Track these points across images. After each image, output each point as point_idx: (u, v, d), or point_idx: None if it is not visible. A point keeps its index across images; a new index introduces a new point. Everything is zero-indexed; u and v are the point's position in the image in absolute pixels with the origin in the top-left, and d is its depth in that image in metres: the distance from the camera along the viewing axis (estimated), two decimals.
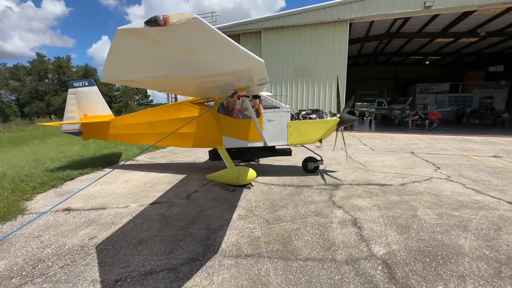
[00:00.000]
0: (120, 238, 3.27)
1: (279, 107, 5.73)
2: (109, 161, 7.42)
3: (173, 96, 20.30)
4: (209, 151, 6.27)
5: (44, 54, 47.66)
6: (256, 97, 4.21)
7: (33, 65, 44.82)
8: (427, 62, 27.84)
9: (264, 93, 5.94)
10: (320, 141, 5.90)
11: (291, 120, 5.75)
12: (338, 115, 5.80)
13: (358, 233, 3.35)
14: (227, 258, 2.86)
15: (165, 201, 4.53)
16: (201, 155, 8.96)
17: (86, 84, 6.66)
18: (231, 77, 2.88)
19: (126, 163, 7.53)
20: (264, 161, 7.88)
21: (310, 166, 6.21)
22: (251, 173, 5.25)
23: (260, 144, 5.73)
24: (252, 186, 5.27)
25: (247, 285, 2.44)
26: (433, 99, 24.85)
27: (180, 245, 3.10)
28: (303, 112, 6.05)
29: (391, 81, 31.14)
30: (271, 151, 6.17)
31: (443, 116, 18.41)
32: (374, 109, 25.36)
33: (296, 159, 7.87)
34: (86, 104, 6.68)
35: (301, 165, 6.51)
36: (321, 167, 6.52)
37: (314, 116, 5.92)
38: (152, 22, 1.51)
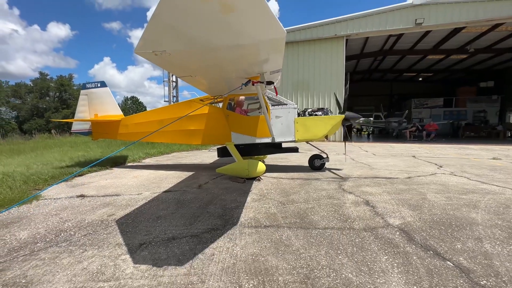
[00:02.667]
0: (138, 215, 3.33)
1: (286, 104, 5.96)
2: (116, 161, 7.52)
3: (173, 100, 20.79)
4: (218, 149, 6.39)
5: (46, 73, 48.52)
6: (270, 83, 4.42)
7: (35, 83, 45.60)
8: (420, 79, 29.02)
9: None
10: (326, 137, 6.08)
11: (298, 116, 5.96)
12: (344, 112, 6.02)
13: (372, 210, 3.46)
14: (247, 228, 2.91)
15: (177, 190, 4.64)
16: (206, 159, 9.07)
17: (99, 85, 6.90)
18: (255, 51, 3.08)
19: (133, 164, 7.65)
20: (269, 161, 7.98)
21: (317, 163, 6.32)
22: (261, 166, 5.35)
23: (268, 140, 5.88)
24: (261, 179, 5.36)
25: (270, 246, 2.49)
26: (428, 113, 25.55)
27: (198, 220, 3.16)
28: (309, 110, 6.27)
29: (386, 97, 32.16)
30: (278, 147, 6.31)
31: (439, 130, 18.91)
32: (371, 123, 25.92)
33: (301, 160, 8.01)
34: (97, 105, 6.87)
35: (306, 165, 6.63)
36: (326, 165, 6.63)
37: (319, 113, 6.14)
38: None
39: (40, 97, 44.65)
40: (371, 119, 27.99)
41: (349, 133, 6.47)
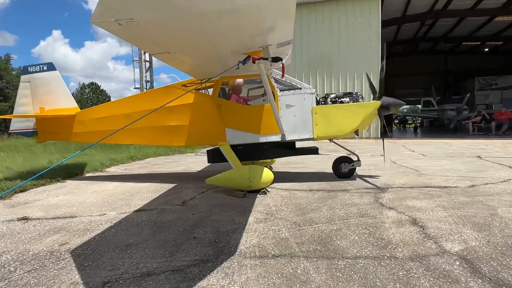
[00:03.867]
0: (101, 244, 3.36)
1: (300, 88, 5.98)
2: (71, 171, 7.63)
3: (146, 86, 20.94)
4: (208, 151, 6.43)
5: None
6: (277, 59, 4.43)
7: None
8: (486, 50, 28.77)
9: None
10: (357, 133, 6.08)
11: (316, 105, 5.97)
12: (380, 98, 6.03)
13: (421, 231, 3.46)
14: (249, 258, 2.92)
15: (153, 208, 4.70)
16: (193, 165, 9.12)
17: (45, 68, 6.98)
18: (256, 16, 3.09)
19: (93, 175, 7.74)
20: (277, 167, 7.98)
21: (344, 169, 6.34)
22: (267, 173, 5.38)
23: (276, 138, 5.91)
24: (268, 192, 5.38)
25: (281, 283, 2.49)
26: (498, 97, 25.33)
27: (182, 248, 3.18)
28: (332, 96, 6.28)
29: (439, 75, 32.04)
30: (290, 148, 6.34)
31: None
32: (419, 113, 25.85)
33: (323, 165, 8.00)
34: (44, 95, 6.96)
35: (329, 170, 6.65)
36: (357, 171, 6.65)
37: (346, 100, 6.15)
38: None
39: None
40: (419, 106, 27.82)
41: (389, 127, 6.47)
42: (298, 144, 6.58)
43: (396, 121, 29.61)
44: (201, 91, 6.22)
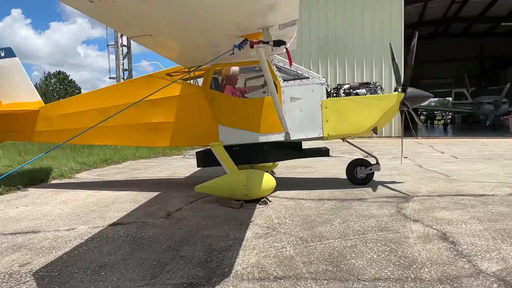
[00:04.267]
0: (70, 263, 3.37)
1: (307, 77, 5.99)
2: (34, 177, 7.64)
3: (123, 76, 20.97)
4: (198, 153, 6.45)
5: None
6: (280, 43, 4.43)
7: None
8: None
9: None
10: (375, 130, 6.09)
11: (327, 98, 5.99)
12: (400, 89, 6.03)
13: (452, 248, 3.48)
14: (246, 281, 2.92)
15: (132, 221, 4.72)
16: (179, 170, 9.13)
17: (2, 54, 6.98)
18: None
19: (61, 182, 7.77)
20: (281, 172, 7.99)
21: (360, 173, 6.37)
22: (268, 180, 5.39)
23: (279, 138, 5.93)
24: (270, 201, 5.41)
25: None
26: None
27: (167, 269, 3.18)
28: (345, 86, 6.30)
29: (474, 62, 32.06)
30: (296, 149, 6.36)
31: None
32: (449, 107, 25.91)
33: (335, 169, 8.02)
34: (1, 87, 6.95)
35: (342, 175, 6.66)
36: (375, 177, 6.66)
37: (363, 91, 6.17)
38: None
39: None
40: (449, 99, 27.83)
41: (413, 124, 6.47)
42: (305, 145, 6.59)
43: (422, 117, 29.64)
44: (189, 81, 6.21)
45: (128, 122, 6.13)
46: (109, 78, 23.72)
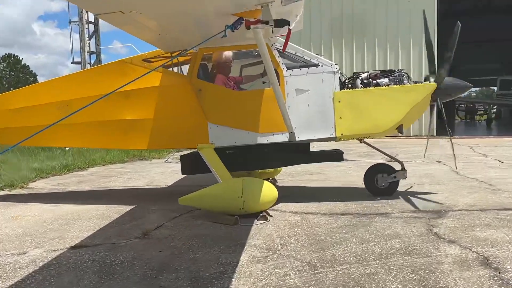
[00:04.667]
0: None
1: (317, 64, 5.97)
2: None
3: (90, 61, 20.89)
4: (182, 158, 6.44)
5: None
6: (283, 23, 4.41)
7: None
8: None
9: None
10: (400, 129, 6.08)
11: (340, 89, 5.98)
12: (433, 79, 6.02)
13: (496, 276, 3.40)
14: None
15: (99, 243, 4.64)
16: (160, 178, 9.09)
17: None
18: None
19: (10, 193, 7.68)
20: (284, 180, 7.98)
21: (382, 182, 6.34)
22: (268, 189, 5.39)
23: (282, 138, 5.92)
24: (270, 216, 5.38)
25: None
26: None
27: None
28: (364, 75, 6.28)
29: None
30: (303, 152, 6.36)
31: None
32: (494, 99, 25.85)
33: (350, 177, 8.00)
34: None
35: (359, 184, 6.66)
36: (401, 185, 6.65)
37: (385, 81, 6.15)
38: None
39: None
40: (495, 89, 27.78)
41: (448, 119, 6.46)
42: (314, 146, 6.58)
43: (460, 111, 29.68)
44: (171, 69, 6.19)
45: (96, 119, 6.10)
46: (72, 63, 23.70)
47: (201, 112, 5.91)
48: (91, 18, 22.84)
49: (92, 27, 23.20)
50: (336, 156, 6.48)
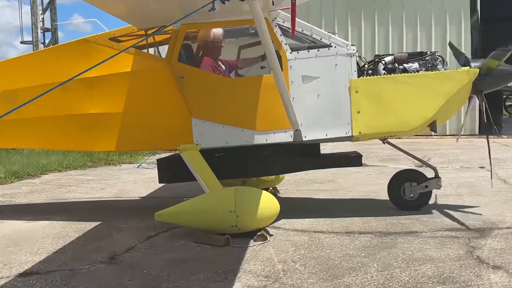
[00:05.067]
0: None
1: (329, 45, 5.92)
2: None
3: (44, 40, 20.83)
4: (159, 162, 6.43)
5: None
6: None
7: None
8: None
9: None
10: (433, 127, 6.06)
11: (358, 76, 5.96)
12: (477, 63, 5.98)
13: None
14: None
15: (55, 269, 4.59)
16: (131, 187, 9.07)
17: None
18: None
19: None
20: (288, 190, 7.97)
21: (410, 193, 6.31)
22: (267, 202, 5.35)
23: (286, 138, 5.91)
24: (271, 235, 5.36)
25: None
26: None
27: None
28: (388, 59, 6.24)
29: None
30: (311, 155, 6.37)
31: None
32: None
33: (369, 185, 7.99)
34: None
35: (382, 195, 6.68)
36: (434, 197, 6.66)
37: (414, 66, 6.12)
38: None
39: None
40: None
41: (493, 115, 6.42)
42: (326, 148, 6.55)
43: (508, 104, 29.71)
44: (146, 50, 6.14)
45: (51, 113, 6.07)
46: (21, 42, 23.66)
47: (184, 104, 5.87)
48: None
49: None
50: (352, 160, 6.48)
